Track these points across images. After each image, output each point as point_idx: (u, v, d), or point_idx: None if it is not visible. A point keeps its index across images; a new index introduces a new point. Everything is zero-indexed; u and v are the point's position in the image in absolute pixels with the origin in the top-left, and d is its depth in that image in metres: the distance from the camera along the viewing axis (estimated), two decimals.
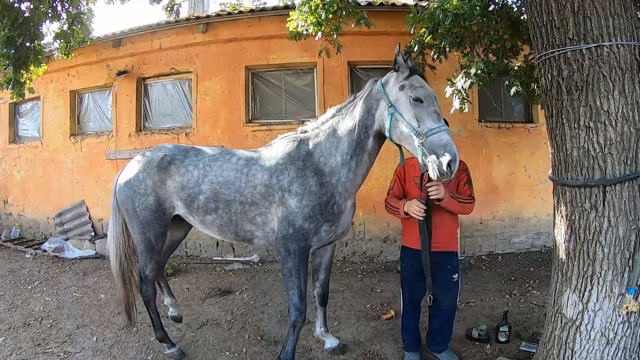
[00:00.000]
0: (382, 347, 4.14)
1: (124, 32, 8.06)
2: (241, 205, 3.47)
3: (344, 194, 3.36)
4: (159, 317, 4.03)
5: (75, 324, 4.73)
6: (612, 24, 2.79)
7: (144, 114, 8.50)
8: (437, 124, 2.83)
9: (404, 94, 2.95)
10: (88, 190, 8.72)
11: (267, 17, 7.47)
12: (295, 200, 3.30)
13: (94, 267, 7.14)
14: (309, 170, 3.33)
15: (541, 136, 7.68)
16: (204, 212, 3.60)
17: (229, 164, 3.57)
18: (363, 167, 3.32)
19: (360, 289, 5.89)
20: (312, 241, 3.39)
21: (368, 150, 3.25)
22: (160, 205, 3.72)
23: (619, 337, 2.85)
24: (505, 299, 5.31)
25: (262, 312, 5.02)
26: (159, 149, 3.90)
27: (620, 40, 2.79)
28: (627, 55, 2.79)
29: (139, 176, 3.74)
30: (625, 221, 2.80)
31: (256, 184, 3.43)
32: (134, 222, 3.79)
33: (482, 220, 7.49)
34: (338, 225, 3.46)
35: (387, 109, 3.01)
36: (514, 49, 5.10)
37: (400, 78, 3.00)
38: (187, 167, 3.66)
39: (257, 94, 7.99)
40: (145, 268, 3.86)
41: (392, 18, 6.89)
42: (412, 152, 2.94)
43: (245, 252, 7.73)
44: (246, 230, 3.57)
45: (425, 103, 2.90)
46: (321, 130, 3.43)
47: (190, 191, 3.61)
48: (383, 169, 7.23)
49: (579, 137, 2.92)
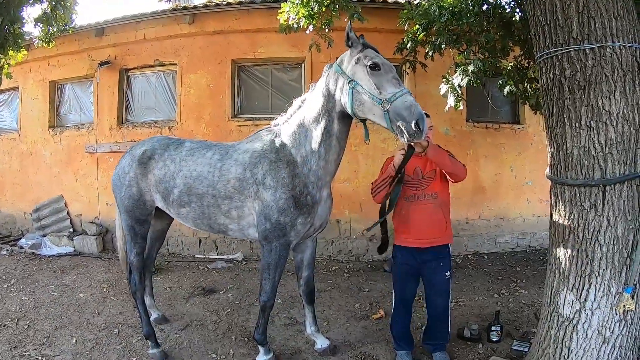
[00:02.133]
0: (373, 347, 4.10)
1: (107, 22, 7.85)
2: (214, 198, 3.55)
3: (317, 183, 3.37)
4: (146, 312, 4.03)
5: (54, 325, 4.56)
6: (615, 26, 2.81)
7: (126, 106, 8.30)
8: (399, 88, 2.83)
9: (360, 65, 2.96)
10: (67, 185, 8.49)
11: (255, 10, 7.36)
12: (269, 193, 3.33)
13: (72, 264, 6.94)
14: (282, 162, 3.36)
15: (527, 137, 7.79)
16: (179, 205, 3.72)
17: (204, 159, 3.66)
18: (333, 152, 3.31)
19: (348, 288, 5.85)
20: (291, 236, 3.42)
21: (335, 133, 3.24)
22: (142, 197, 3.90)
23: (615, 335, 2.88)
24: (494, 298, 5.34)
25: (249, 313, 4.93)
26: (143, 143, 4.07)
27: (622, 41, 2.81)
28: (628, 57, 2.82)
29: (125, 169, 3.95)
30: (624, 220, 2.82)
31: (230, 178, 3.48)
32: (121, 209, 4.02)
33: (468, 219, 7.53)
34: (315, 217, 3.48)
35: (347, 84, 3.00)
36: (504, 49, 5.11)
37: (355, 52, 3.01)
38: (165, 162, 3.79)
39: (243, 88, 7.88)
40: (130, 253, 4.03)
41: (383, 15, 6.86)
42: (378, 121, 2.91)
43: (228, 250, 7.62)
44: (220, 223, 3.65)
45: (383, 70, 2.91)
46: (290, 122, 3.45)
47: (167, 185, 3.74)
48: (370, 166, 7.24)
49: (580, 136, 2.93)
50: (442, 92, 4.93)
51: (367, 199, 7.27)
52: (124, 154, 4.16)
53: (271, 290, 3.55)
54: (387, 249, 3.79)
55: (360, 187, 7.27)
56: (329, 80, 3.18)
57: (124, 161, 4.00)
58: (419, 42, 5.16)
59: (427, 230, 3.53)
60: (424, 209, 3.52)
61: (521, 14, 4.94)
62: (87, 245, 7.77)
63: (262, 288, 3.57)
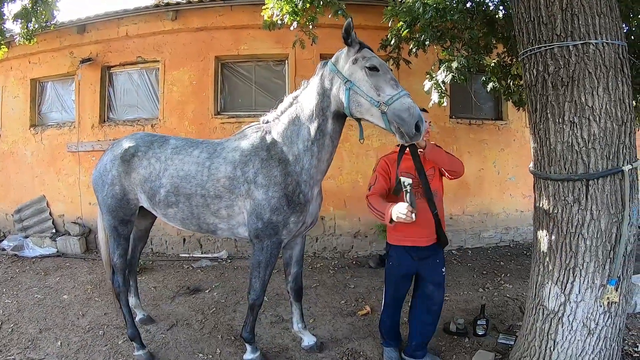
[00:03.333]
0: (360, 343, 4.12)
1: (89, 18, 7.73)
2: (203, 198, 3.47)
3: (309, 182, 3.34)
4: (130, 313, 3.95)
5: (38, 328, 4.48)
6: (599, 23, 2.87)
7: (108, 104, 8.18)
8: (397, 90, 2.81)
9: (358, 66, 2.94)
10: (49, 185, 8.36)
11: (239, 6, 7.31)
12: (261, 192, 3.28)
13: (55, 266, 6.84)
14: (273, 160, 3.30)
15: (510, 133, 7.88)
16: (166, 205, 3.62)
17: (191, 157, 3.56)
18: (326, 151, 3.29)
19: (334, 285, 5.86)
20: (282, 234, 3.38)
21: (329, 133, 3.22)
22: (125, 196, 3.77)
23: (600, 327, 2.95)
24: (479, 292, 5.39)
25: (234, 311, 4.91)
26: (125, 140, 3.93)
27: (605, 38, 2.87)
28: (611, 54, 2.88)
29: (107, 166, 3.81)
30: (607, 214, 2.88)
31: (219, 177, 3.40)
32: (103, 208, 3.88)
33: (452, 215, 7.58)
34: (306, 215, 3.45)
35: (343, 85, 2.97)
36: (488, 46, 5.16)
37: (352, 52, 2.99)
38: (149, 160, 3.68)
39: (227, 85, 7.84)
40: (113, 255, 3.90)
41: (368, 12, 6.87)
42: (376, 122, 2.90)
43: (213, 249, 7.58)
44: (209, 223, 3.57)
45: (382, 71, 2.90)
46: (282, 119, 3.40)
47: (152, 184, 3.63)
48: (354, 163, 7.27)
49: (563, 131, 2.98)
50: (426, 89, 4.96)
51: (352, 196, 7.40)
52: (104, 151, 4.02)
53: (261, 288, 3.51)
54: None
55: (344, 183, 7.29)
56: (324, 78, 3.15)
57: (106, 158, 3.86)
58: (402, 39, 5.17)
59: (427, 228, 3.45)
60: (423, 207, 3.38)
61: (505, 11, 4.99)
62: (70, 246, 7.66)
63: (252, 286, 3.52)
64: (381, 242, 7.35)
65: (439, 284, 3.60)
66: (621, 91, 2.89)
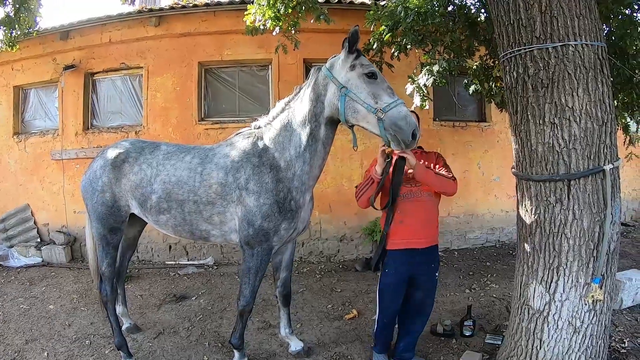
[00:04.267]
0: (348, 347, 4.12)
1: (72, 24, 7.64)
2: (195, 204, 3.44)
3: (301, 188, 3.32)
4: (117, 322, 3.93)
5: (24, 339, 4.42)
6: (578, 25, 2.90)
7: (92, 111, 8.10)
8: (393, 98, 2.86)
9: (355, 73, 2.95)
10: (33, 194, 8.24)
11: (222, 12, 7.30)
12: (252, 199, 3.26)
13: (40, 275, 6.76)
14: (265, 167, 3.29)
15: (494, 135, 7.94)
16: (157, 211, 3.58)
17: (183, 163, 3.54)
18: (318, 157, 3.28)
19: (320, 289, 5.86)
20: (273, 241, 3.35)
21: (321, 139, 3.22)
22: (116, 202, 3.73)
23: (585, 325, 2.98)
24: (465, 293, 5.43)
25: (221, 318, 4.89)
26: (115, 146, 3.89)
27: (585, 40, 2.91)
28: (591, 55, 2.91)
29: (97, 173, 3.77)
30: (590, 213, 2.92)
31: (212, 183, 3.39)
32: (92, 216, 3.82)
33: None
34: (298, 221, 3.43)
35: (339, 91, 2.97)
36: (470, 49, 5.20)
37: (351, 58, 2.97)
38: (140, 166, 3.64)
39: (210, 91, 7.81)
40: (102, 264, 3.86)
41: (350, 16, 6.87)
42: (371, 129, 2.93)
43: (199, 256, 7.53)
44: (202, 230, 3.55)
45: (379, 79, 2.94)
46: (274, 125, 3.38)
47: (144, 190, 3.60)
48: (339, 167, 7.28)
49: (544, 133, 3.01)
50: (408, 92, 4.98)
51: (337, 200, 7.40)
52: (93, 158, 3.98)
53: (251, 295, 3.48)
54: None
55: (329, 187, 7.30)
56: (318, 84, 3.13)
57: (96, 165, 3.82)
58: (385, 43, 5.18)
59: (424, 229, 3.43)
60: (419, 206, 3.42)
61: (486, 14, 5.02)
62: (55, 255, 7.56)
63: (242, 292, 3.49)
64: (367, 246, 7.39)
65: (431, 290, 3.61)
66: (601, 92, 2.92)
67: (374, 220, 7.11)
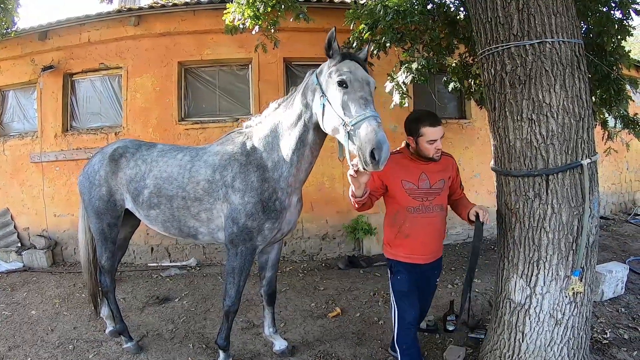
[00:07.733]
0: (332, 345, 4.13)
1: (51, 24, 7.54)
2: (183, 200, 3.50)
3: (287, 189, 3.30)
4: (118, 309, 4.16)
5: (7, 346, 4.34)
6: (555, 22, 2.94)
7: (71, 113, 7.99)
8: (362, 111, 2.54)
9: (332, 80, 2.73)
10: (12, 197, 8.09)
11: (202, 11, 7.26)
12: (237, 197, 3.28)
13: (22, 281, 6.63)
14: (252, 166, 3.29)
15: (474, 132, 8.02)
16: (148, 206, 3.68)
17: (174, 160, 3.63)
18: (305, 161, 3.22)
19: (303, 287, 5.86)
20: (257, 240, 3.35)
21: (309, 144, 3.13)
22: (112, 196, 3.85)
23: (567, 317, 3.03)
24: (448, 288, 5.47)
25: (205, 319, 4.86)
26: (114, 142, 4.11)
27: (562, 37, 2.94)
28: (567, 52, 2.96)
29: (95, 167, 3.92)
30: (568, 207, 2.96)
31: (199, 179, 3.43)
32: (90, 211, 3.96)
33: None
34: (282, 222, 3.42)
35: (320, 99, 2.82)
36: (449, 47, 5.24)
37: (332, 64, 2.79)
38: (136, 161, 3.77)
39: (190, 91, 7.76)
40: (101, 258, 4.02)
41: (330, 15, 6.88)
42: (343, 142, 2.62)
43: (181, 257, 7.49)
44: (190, 227, 3.59)
45: (351, 88, 2.64)
46: (264, 125, 3.37)
47: (137, 185, 3.70)
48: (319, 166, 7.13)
49: (522, 129, 3.05)
50: (387, 90, 5.00)
51: (318, 198, 7.42)
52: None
53: (236, 295, 3.48)
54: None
55: (310, 186, 7.25)
56: (307, 90, 3.02)
57: (95, 159, 3.97)
58: (364, 41, 5.20)
59: (432, 244, 3.28)
60: (430, 222, 3.21)
61: (465, 13, 5.07)
62: (37, 259, 7.44)
63: (227, 293, 3.49)
64: (349, 244, 7.43)
65: (431, 295, 3.67)
66: (578, 88, 2.97)
67: (356, 218, 7.14)
